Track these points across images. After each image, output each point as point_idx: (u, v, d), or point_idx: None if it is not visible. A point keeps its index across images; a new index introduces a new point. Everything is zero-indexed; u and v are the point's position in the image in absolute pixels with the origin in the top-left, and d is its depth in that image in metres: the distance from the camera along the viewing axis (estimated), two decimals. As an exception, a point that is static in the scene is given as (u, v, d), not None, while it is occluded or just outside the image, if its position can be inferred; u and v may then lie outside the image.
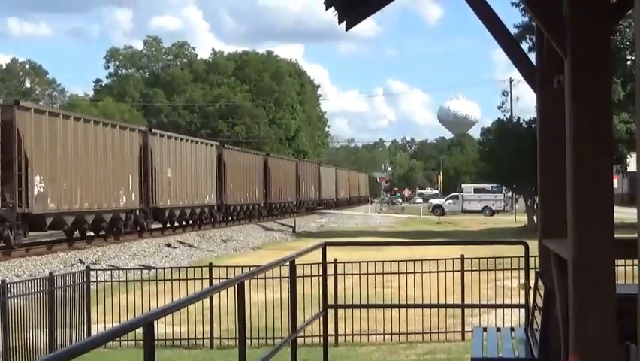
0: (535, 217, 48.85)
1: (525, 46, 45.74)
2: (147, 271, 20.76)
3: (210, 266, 17.03)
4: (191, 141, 51.34)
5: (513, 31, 49.64)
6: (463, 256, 16.30)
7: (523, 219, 60.23)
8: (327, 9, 8.43)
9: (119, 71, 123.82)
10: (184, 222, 49.88)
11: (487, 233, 51.12)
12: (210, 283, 15.94)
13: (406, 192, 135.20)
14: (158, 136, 45.37)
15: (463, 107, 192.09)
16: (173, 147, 46.70)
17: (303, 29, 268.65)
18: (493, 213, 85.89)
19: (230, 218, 58.09)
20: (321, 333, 11.61)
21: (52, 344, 15.13)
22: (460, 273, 16.20)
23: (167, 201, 45.16)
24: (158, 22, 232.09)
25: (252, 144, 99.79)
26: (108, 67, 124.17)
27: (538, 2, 6.30)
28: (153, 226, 44.69)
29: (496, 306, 15.59)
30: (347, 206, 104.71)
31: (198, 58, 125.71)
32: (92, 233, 38.62)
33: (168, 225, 47.76)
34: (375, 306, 15.27)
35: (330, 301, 12.23)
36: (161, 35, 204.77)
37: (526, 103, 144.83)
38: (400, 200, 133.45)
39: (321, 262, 11.38)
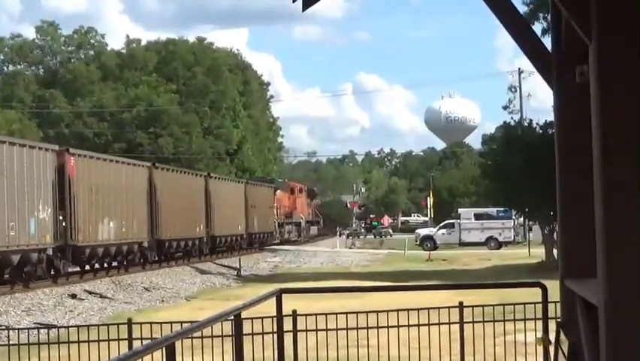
0: (555, 251, 49.07)
1: (538, 28, 46.11)
2: (47, 330, 20.65)
3: (129, 323, 16.95)
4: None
5: (522, 9, 50.04)
6: (461, 303, 16.32)
7: (539, 253, 60.46)
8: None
9: (5, 68, 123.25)
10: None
11: (493, 272, 51.24)
12: (130, 345, 15.88)
13: (386, 221, 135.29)
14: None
15: (458, 108, 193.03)
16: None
17: (247, 9, 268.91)
18: (500, 245, 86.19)
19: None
20: (278, 408, 11.60)
21: None
22: (458, 325, 16.24)
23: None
24: (55, 3, 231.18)
25: (181, 161, 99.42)
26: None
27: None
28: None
29: (506, 368, 15.64)
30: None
31: (109, 49, 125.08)
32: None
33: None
34: (348, 372, 15.27)
35: (289, 365, 12.23)
36: (59, 20, 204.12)
37: (540, 101, 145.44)
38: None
39: (275, 315, 11.36)
